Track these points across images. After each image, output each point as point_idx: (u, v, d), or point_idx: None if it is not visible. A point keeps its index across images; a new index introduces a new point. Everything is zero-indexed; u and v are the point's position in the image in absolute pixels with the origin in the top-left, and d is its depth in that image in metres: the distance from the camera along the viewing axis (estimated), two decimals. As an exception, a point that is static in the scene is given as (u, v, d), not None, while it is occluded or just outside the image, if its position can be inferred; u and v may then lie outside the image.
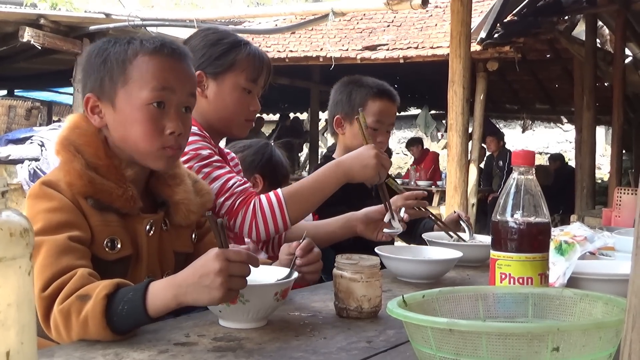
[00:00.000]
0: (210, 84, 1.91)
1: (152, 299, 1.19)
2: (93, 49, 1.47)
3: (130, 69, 1.41)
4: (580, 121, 9.10)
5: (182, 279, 1.20)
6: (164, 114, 1.42)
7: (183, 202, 1.51)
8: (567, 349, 0.84)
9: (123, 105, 1.41)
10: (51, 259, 1.25)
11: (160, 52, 1.43)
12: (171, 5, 20.34)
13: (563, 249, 1.50)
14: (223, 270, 1.17)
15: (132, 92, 1.40)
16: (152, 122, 1.41)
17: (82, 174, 1.35)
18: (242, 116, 1.94)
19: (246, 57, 1.92)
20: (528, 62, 10.25)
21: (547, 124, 17.71)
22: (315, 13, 7.04)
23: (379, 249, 1.82)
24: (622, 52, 8.63)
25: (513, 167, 1.26)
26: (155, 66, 1.41)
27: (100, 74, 1.43)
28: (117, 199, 1.38)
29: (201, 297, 1.19)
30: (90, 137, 1.42)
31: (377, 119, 2.40)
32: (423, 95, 13.06)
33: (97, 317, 1.16)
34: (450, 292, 1.08)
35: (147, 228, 1.44)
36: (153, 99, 1.40)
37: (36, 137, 6.62)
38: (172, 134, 1.42)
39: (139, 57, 1.41)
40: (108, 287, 1.19)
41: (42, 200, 1.32)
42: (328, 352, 1.16)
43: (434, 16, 10.27)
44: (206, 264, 1.18)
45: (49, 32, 7.28)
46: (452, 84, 5.63)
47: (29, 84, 11.11)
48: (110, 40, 1.47)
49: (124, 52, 1.42)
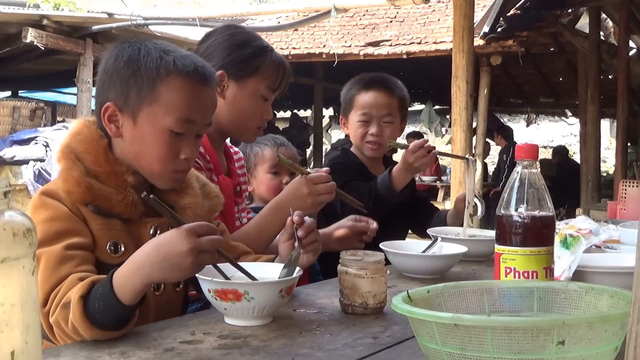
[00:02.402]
0: (230, 86, 1.88)
1: (120, 288, 1.17)
2: (121, 55, 1.43)
3: (160, 89, 1.39)
4: (584, 114, 9.07)
5: (142, 260, 1.18)
6: (182, 140, 1.43)
7: (190, 206, 1.50)
8: (573, 343, 0.84)
9: (145, 123, 1.40)
10: (49, 271, 1.25)
11: (193, 77, 1.41)
12: (174, 4, 20.35)
13: (568, 243, 1.49)
14: (194, 249, 1.15)
15: (157, 113, 1.39)
16: (170, 147, 1.41)
17: (80, 181, 1.35)
18: (255, 123, 1.92)
19: (270, 65, 1.90)
20: (532, 56, 10.22)
21: (552, 118, 17.66)
22: (317, 9, 7.03)
23: (384, 245, 1.81)
24: (626, 45, 8.59)
25: (517, 160, 1.26)
26: (185, 94, 1.40)
27: (128, 86, 1.40)
28: (117, 205, 1.38)
29: (171, 275, 1.19)
30: (91, 143, 1.41)
31: (364, 111, 2.42)
32: (427, 90, 13.02)
33: (79, 320, 1.16)
34: (455, 287, 1.07)
35: (151, 232, 1.43)
36: (176, 128, 1.40)
37: (41, 138, 6.65)
38: (186, 159, 1.44)
39: (170, 78, 1.39)
40: (81, 289, 1.18)
41: (39, 210, 1.33)
42: (334, 348, 1.16)
43: (436, 11, 10.24)
44: (173, 243, 1.16)
45: (52, 32, 7.28)
46: (455, 79, 5.61)
47: (32, 85, 11.13)
48: (139, 48, 1.42)
49: (156, 69, 1.39)
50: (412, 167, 2.24)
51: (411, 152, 2.21)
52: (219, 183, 1.86)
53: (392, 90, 2.46)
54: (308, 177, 1.76)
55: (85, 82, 7.61)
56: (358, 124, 2.43)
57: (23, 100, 8.83)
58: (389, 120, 2.43)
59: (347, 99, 2.49)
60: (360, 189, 2.26)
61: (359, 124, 2.43)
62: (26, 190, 6.26)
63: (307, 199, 1.74)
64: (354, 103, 2.45)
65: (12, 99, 9.64)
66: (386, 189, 2.25)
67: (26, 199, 6.04)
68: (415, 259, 1.81)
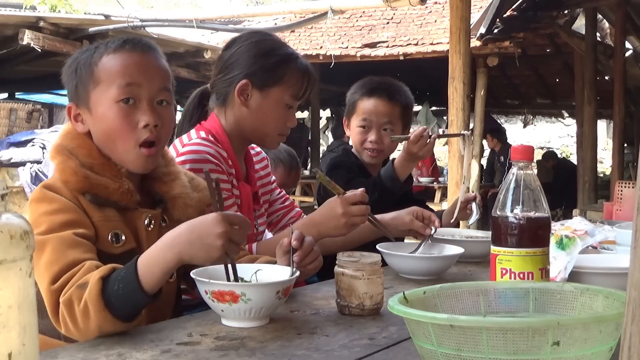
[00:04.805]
0: (254, 95, 1.86)
1: (145, 270, 1.21)
2: (68, 61, 1.51)
3: (97, 71, 1.44)
4: (581, 115, 9.09)
5: (175, 237, 1.24)
6: (136, 109, 1.43)
7: (180, 196, 1.52)
8: (568, 343, 0.84)
9: (96, 107, 1.44)
10: (58, 254, 1.27)
11: (123, 48, 1.45)
12: (171, 6, 20.34)
13: (564, 244, 1.50)
14: (226, 233, 1.21)
15: (102, 92, 1.43)
16: (123, 118, 1.42)
17: (77, 171, 1.38)
18: (278, 131, 1.90)
19: (295, 74, 1.87)
20: (528, 57, 10.23)
21: (549, 119, 17.69)
22: (314, 11, 7.03)
23: (380, 246, 1.82)
24: (623, 46, 8.61)
25: (512, 162, 1.26)
26: (120, 63, 1.44)
27: (74, 82, 1.47)
28: (114, 193, 1.40)
29: (199, 254, 1.23)
30: (82, 139, 1.45)
31: (364, 117, 2.43)
32: (423, 91, 13.02)
33: (94, 299, 1.18)
34: (451, 288, 1.08)
35: (146, 222, 1.46)
36: (120, 95, 1.42)
37: (37, 140, 6.63)
38: (147, 126, 1.43)
39: (103, 58, 1.44)
40: (103, 270, 1.22)
41: (43, 204, 1.34)
42: (330, 349, 1.17)
43: (433, 12, 10.26)
44: (208, 224, 1.21)
45: (48, 34, 7.26)
46: (452, 80, 5.62)
47: (29, 87, 11.10)
48: (82, 50, 1.52)
49: (90, 56, 1.46)
50: (416, 156, 2.27)
51: (414, 142, 2.23)
52: (239, 189, 1.86)
53: (395, 97, 2.45)
54: (343, 196, 1.75)
55: (82, 84, 7.60)
56: (358, 130, 2.44)
57: (20, 102, 8.80)
58: (390, 127, 2.43)
59: (350, 103, 2.50)
60: (364, 185, 2.28)
61: (359, 129, 2.44)
62: (23, 192, 6.24)
63: (341, 219, 1.74)
64: (356, 108, 2.45)
65: (8, 101, 9.61)
66: (391, 180, 2.27)
67: (23, 201, 6.03)
68: (411, 260, 1.81)
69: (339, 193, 1.76)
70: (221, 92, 1.89)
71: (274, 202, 2.16)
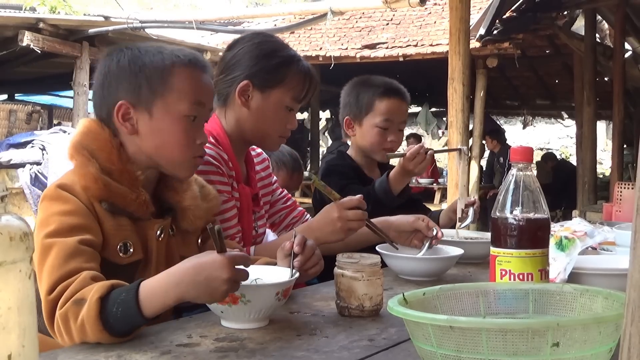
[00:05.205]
0: (255, 96, 1.85)
1: (146, 299, 1.19)
2: (122, 57, 1.47)
3: (169, 79, 1.44)
4: (580, 116, 9.09)
5: (181, 276, 1.21)
6: (195, 126, 1.48)
7: (190, 208, 1.52)
8: (568, 344, 0.84)
9: (161, 114, 1.44)
10: (60, 261, 1.27)
11: (194, 64, 1.48)
12: (170, 7, 20.35)
13: (563, 245, 1.50)
14: (231, 279, 1.19)
15: (171, 102, 1.44)
16: (187, 133, 1.46)
17: (98, 178, 1.37)
18: (278, 133, 1.90)
19: (297, 76, 1.86)
20: (528, 58, 10.25)
21: (548, 120, 17.69)
22: (313, 12, 7.04)
23: (380, 248, 1.82)
24: (622, 47, 8.61)
25: (512, 163, 1.27)
26: (192, 79, 1.47)
27: (138, 82, 1.44)
28: (131, 203, 1.40)
29: (202, 296, 1.21)
30: (104, 141, 1.43)
31: (386, 117, 2.40)
32: (423, 92, 13.03)
33: (92, 320, 1.17)
34: (451, 289, 1.08)
35: (157, 233, 1.45)
36: (190, 111, 1.46)
37: (37, 141, 6.63)
38: (201, 145, 1.50)
39: (175, 68, 1.45)
40: (101, 289, 1.20)
41: (56, 203, 1.34)
42: (330, 350, 1.17)
43: (432, 13, 10.27)
44: (215, 268, 1.19)
45: (48, 35, 7.26)
46: (451, 81, 5.62)
47: (29, 88, 11.10)
48: (137, 48, 1.48)
49: (161, 61, 1.45)
50: (411, 173, 2.27)
51: (409, 160, 2.23)
52: (239, 191, 1.86)
53: (407, 98, 2.48)
54: (339, 201, 1.76)
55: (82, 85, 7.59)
56: (376, 130, 2.40)
57: (19, 104, 8.82)
58: (403, 127, 2.46)
59: (363, 103, 2.43)
60: (359, 192, 2.27)
61: (378, 130, 2.40)
62: (22, 194, 6.24)
63: (337, 223, 1.74)
64: (373, 108, 2.40)
65: (8, 103, 9.61)
66: (384, 193, 2.26)
67: (23, 202, 6.03)
68: (411, 262, 1.81)
69: (334, 198, 1.76)
70: (222, 93, 1.89)
71: (275, 202, 2.15)
